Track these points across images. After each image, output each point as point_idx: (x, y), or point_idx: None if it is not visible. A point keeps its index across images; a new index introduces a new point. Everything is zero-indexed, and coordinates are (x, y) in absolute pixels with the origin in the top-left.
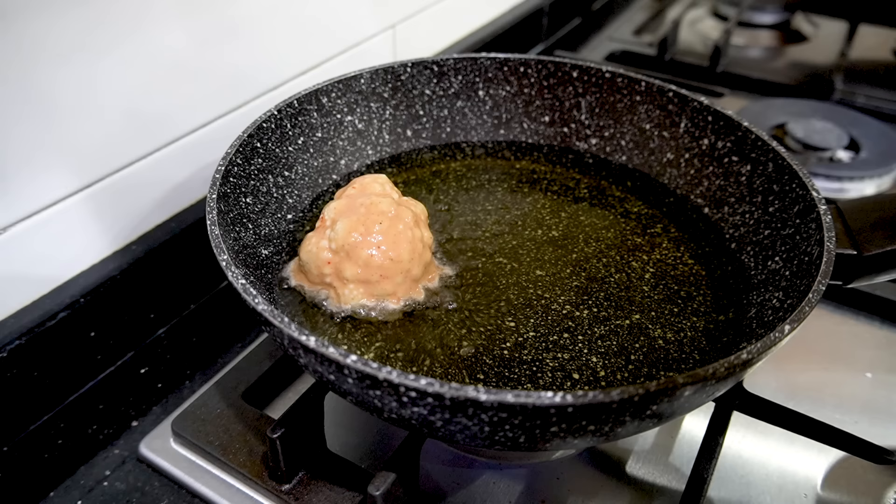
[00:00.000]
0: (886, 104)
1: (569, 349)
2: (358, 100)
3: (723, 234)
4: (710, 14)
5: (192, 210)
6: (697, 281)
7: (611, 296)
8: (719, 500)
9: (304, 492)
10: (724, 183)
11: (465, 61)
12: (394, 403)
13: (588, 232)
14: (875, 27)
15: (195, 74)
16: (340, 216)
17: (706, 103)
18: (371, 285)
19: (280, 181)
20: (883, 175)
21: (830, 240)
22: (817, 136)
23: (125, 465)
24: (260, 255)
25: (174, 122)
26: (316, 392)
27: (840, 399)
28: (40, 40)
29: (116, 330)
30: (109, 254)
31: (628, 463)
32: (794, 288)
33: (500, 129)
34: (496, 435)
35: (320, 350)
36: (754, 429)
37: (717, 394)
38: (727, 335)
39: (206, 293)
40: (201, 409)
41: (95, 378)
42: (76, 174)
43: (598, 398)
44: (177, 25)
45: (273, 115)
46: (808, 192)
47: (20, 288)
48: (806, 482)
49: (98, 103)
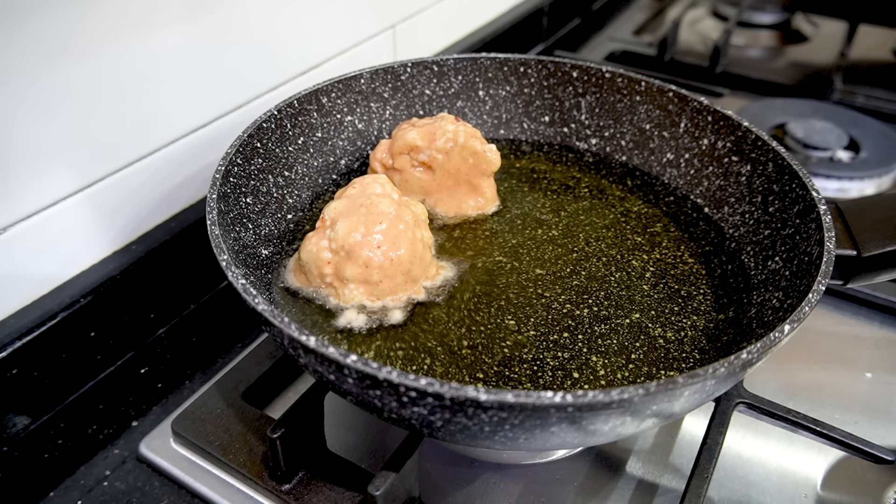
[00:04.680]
0: (886, 104)
1: (569, 348)
2: (358, 100)
3: (723, 234)
4: (710, 14)
5: (192, 210)
6: (697, 280)
7: (611, 295)
8: (719, 500)
9: (304, 492)
10: (724, 183)
11: (465, 61)
12: (394, 403)
13: (588, 231)
14: (875, 27)
15: (195, 74)
16: (340, 216)
17: (706, 103)
18: (371, 285)
19: (280, 181)
20: (883, 175)
21: (830, 240)
22: (817, 136)
23: (125, 465)
24: (260, 255)
25: (174, 122)
26: (316, 392)
27: (840, 399)
28: (40, 40)
29: (116, 330)
30: (109, 254)
31: (628, 463)
32: (794, 288)
33: (500, 129)
34: (496, 435)
35: (320, 350)
36: (754, 429)
37: (717, 394)
38: (727, 335)
39: (206, 293)
40: (201, 409)
41: (95, 378)
42: (76, 174)
43: (598, 398)
44: (177, 25)
45: (273, 115)
46: (808, 192)
47: (20, 288)
48: (806, 482)
49: (98, 103)
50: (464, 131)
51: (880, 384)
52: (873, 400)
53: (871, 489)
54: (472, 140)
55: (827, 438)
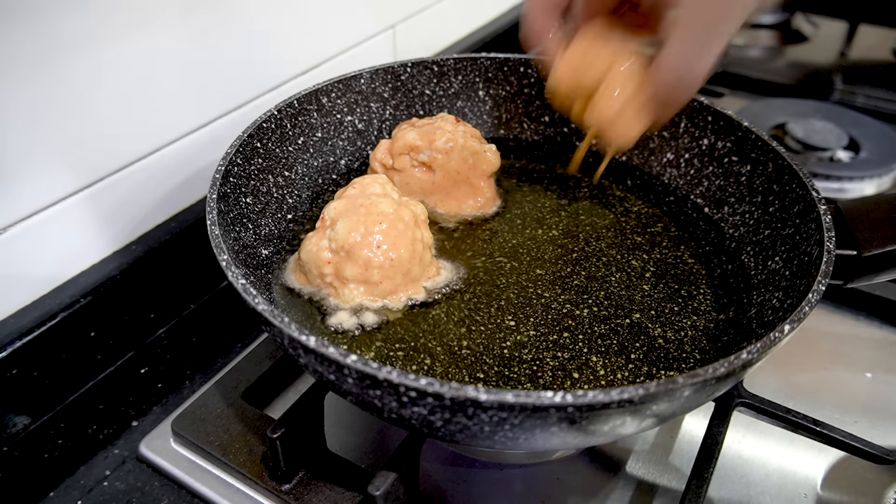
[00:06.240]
0: (886, 104)
1: (569, 348)
2: (358, 100)
3: (723, 234)
4: None
5: (192, 210)
6: (697, 280)
7: (611, 295)
8: (719, 500)
9: (304, 492)
10: (724, 183)
11: (465, 61)
12: (394, 403)
13: (588, 231)
14: (875, 27)
15: (195, 74)
16: (340, 216)
17: (706, 103)
18: (371, 285)
19: (280, 181)
20: (883, 175)
21: (830, 240)
22: (817, 136)
23: (125, 465)
24: (260, 255)
25: (174, 121)
26: (316, 392)
27: (840, 399)
28: (41, 41)
29: (116, 330)
30: (109, 254)
31: (628, 463)
32: (794, 288)
33: (500, 129)
34: (496, 435)
35: (320, 350)
36: (754, 429)
37: (717, 394)
38: (727, 335)
39: (206, 293)
40: (201, 409)
41: (95, 378)
42: (76, 174)
43: (598, 398)
44: (177, 25)
45: (273, 115)
46: (808, 192)
47: (20, 288)
48: (806, 482)
49: (98, 103)
50: (464, 131)
51: (880, 384)
52: (873, 400)
53: (871, 489)
54: (472, 140)
55: (827, 438)
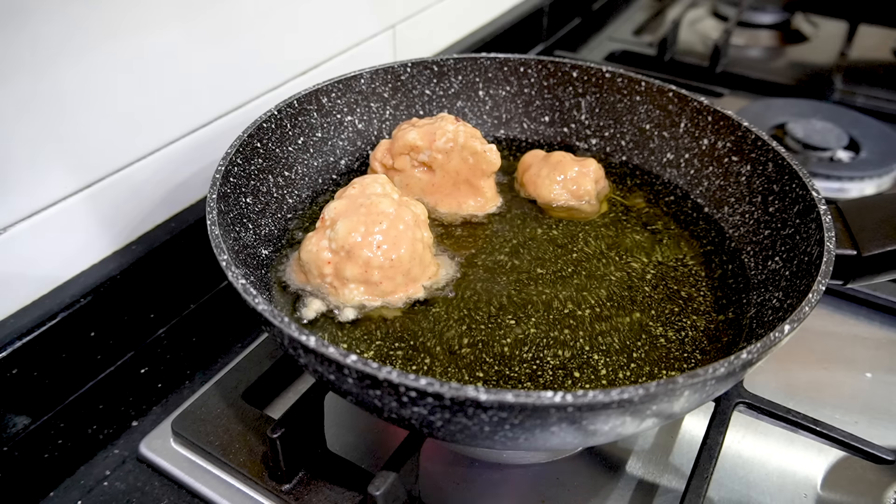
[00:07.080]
0: (886, 104)
1: (570, 347)
2: (358, 100)
3: (723, 234)
4: (710, 14)
5: (192, 210)
6: (698, 280)
7: (612, 294)
8: (719, 500)
9: (304, 492)
10: (724, 183)
11: (465, 61)
12: (394, 403)
13: (588, 231)
14: (875, 27)
15: (195, 74)
16: (340, 216)
17: (706, 103)
18: (371, 285)
19: (280, 181)
20: (883, 175)
21: (830, 240)
22: (817, 136)
23: (125, 465)
24: (260, 255)
25: (174, 121)
26: (316, 392)
27: (840, 399)
28: (41, 41)
29: (116, 330)
30: (109, 254)
31: (628, 463)
32: (794, 288)
33: (500, 129)
34: (496, 435)
35: (320, 350)
36: (754, 429)
37: (717, 394)
38: (727, 335)
39: (206, 293)
40: (201, 409)
41: (95, 378)
42: (76, 174)
43: (598, 398)
44: (177, 25)
45: (273, 115)
46: (808, 192)
47: (20, 288)
48: (806, 482)
49: (98, 103)
50: (464, 131)
51: (880, 384)
52: (873, 400)
53: (871, 489)
54: (472, 140)
55: (827, 438)
